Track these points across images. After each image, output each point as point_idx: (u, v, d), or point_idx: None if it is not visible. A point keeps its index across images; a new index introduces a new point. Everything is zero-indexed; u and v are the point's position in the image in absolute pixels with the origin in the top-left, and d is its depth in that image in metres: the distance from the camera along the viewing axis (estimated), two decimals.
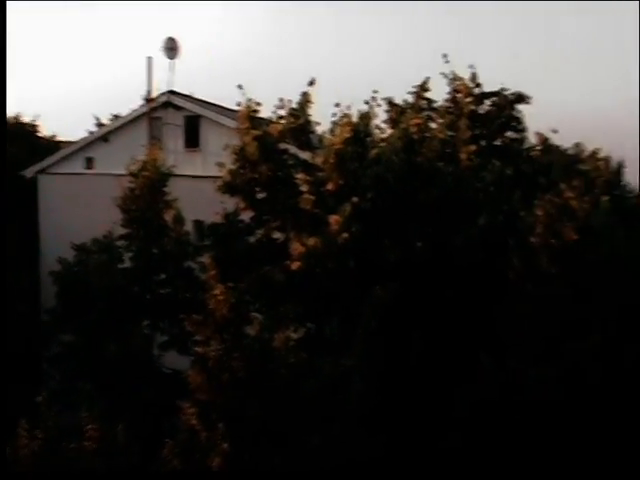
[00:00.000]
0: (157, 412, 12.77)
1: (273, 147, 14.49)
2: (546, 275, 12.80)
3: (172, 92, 17.17)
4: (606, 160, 17.18)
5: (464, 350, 12.66)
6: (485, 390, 12.11)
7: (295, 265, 13.28)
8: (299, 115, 15.00)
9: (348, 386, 11.56)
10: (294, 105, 15.01)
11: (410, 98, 16.85)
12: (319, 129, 15.75)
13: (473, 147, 15.35)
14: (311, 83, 14.87)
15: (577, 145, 16.81)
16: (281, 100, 15.05)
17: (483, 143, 16.04)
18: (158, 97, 17.00)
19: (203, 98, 17.79)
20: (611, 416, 11.94)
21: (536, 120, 16.56)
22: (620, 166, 17.14)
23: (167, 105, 16.91)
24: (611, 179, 16.79)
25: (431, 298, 13.08)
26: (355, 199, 13.33)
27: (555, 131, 16.50)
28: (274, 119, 15.06)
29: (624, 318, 12.62)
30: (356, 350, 12.03)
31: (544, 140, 16.46)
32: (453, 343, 12.85)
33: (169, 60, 16.75)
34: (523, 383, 11.95)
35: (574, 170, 15.77)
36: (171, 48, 16.74)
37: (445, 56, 16.07)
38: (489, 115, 16.48)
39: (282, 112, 15.10)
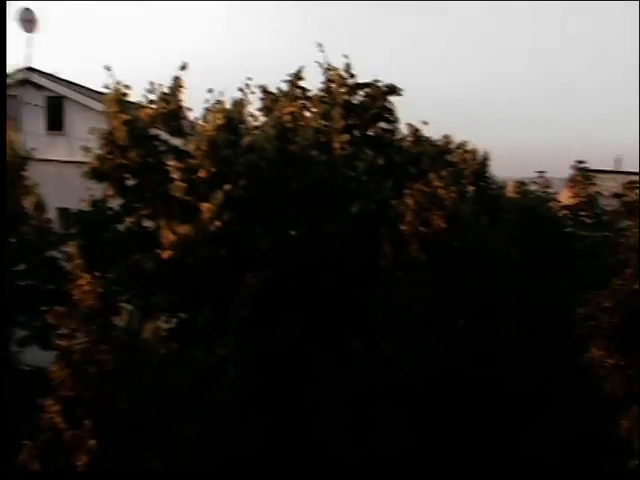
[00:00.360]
0: (15, 413, 12.04)
1: (143, 132, 14.05)
2: (416, 262, 13.15)
3: (31, 69, 16.09)
4: (473, 152, 17.86)
5: (337, 336, 12.80)
6: (356, 375, 12.31)
7: (166, 254, 12.98)
8: (170, 100, 14.54)
9: (221, 375, 11.46)
10: (165, 90, 14.53)
11: (284, 86, 16.76)
12: (191, 115, 15.36)
13: (346, 136, 15.49)
14: (183, 68, 14.42)
15: (445, 137, 17.33)
16: (151, 84, 14.51)
17: (356, 133, 16.18)
18: (14, 73, 15.90)
19: (68, 78, 16.87)
20: (478, 398, 12.43)
21: (408, 111, 16.94)
22: (485, 158, 17.88)
23: (25, 83, 15.84)
24: (477, 170, 17.49)
25: (304, 285, 13.15)
26: (227, 187, 13.18)
27: (425, 123, 16.92)
28: (144, 103, 14.53)
29: (489, 303, 13.19)
30: (229, 339, 11.95)
31: (415, 131, 16.84)
32: (326, 329, 12.97)
33: (27, 33, 15.66)
34: (394, 367, 12.24)
35: (443, 161, 16.27)
36: (28, 20, 15.64)
37: (320, 45, 16.09)
38: (362, 105, 16.64)
39: (152, 97, 14.57)
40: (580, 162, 16.62)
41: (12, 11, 15.12)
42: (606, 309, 11.38)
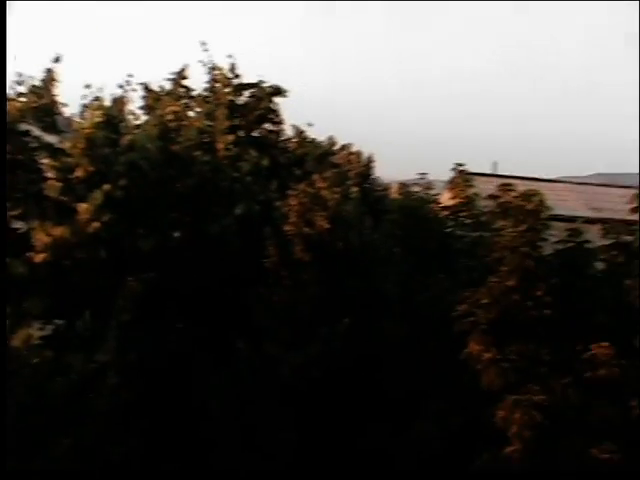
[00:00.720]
0: None
1: (11, 127, 13.31)
2: (300, 263, 13.16)
3: None
4: (357, 154, 18.13)
5: (221, 337, 12.62)
6: (240, 376, 12.17)
7: (39, 257, 12.37)
8: (43, 94, 13.84)
9: (102, 382, 11.04)
10: (37, 82, 13.81)
11: (168, 85, 16.37)
12: (67, 111, 14.71)
13: (231, 137, 15.32)
14: (57, 60, 13.79)
15: (330, 138, 17.51)
16: (20, 75, 13.75)
17: (241, 133, 16.02)
18: None
19: None
20: (363, 397, 12.56)
21: (293, 112, 16.95)
22: (370, 160, 18.19)
23: None
24: (362, 172, 17.77)
25: (188, 287, 12.88)
26: (107, 187, 12.77)
27: (310, 124, 17.01)
28: (12, 96, 13.76)
29: (373, 302, 13.37)
30: (110, 344, 11.52)
31: (300, 133, 16.89)
32: (211, 331, 12.76)
33: None
34: (278, 367, 12.18)
35: (327, 162, 16.41)
36: None
37: (204, 44, 15.81)
38: (247, 106, 16.51)
39: (22, 89, 13.83)
40: (459, 165, 17.18)
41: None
42: (483, 305, 11.79)
